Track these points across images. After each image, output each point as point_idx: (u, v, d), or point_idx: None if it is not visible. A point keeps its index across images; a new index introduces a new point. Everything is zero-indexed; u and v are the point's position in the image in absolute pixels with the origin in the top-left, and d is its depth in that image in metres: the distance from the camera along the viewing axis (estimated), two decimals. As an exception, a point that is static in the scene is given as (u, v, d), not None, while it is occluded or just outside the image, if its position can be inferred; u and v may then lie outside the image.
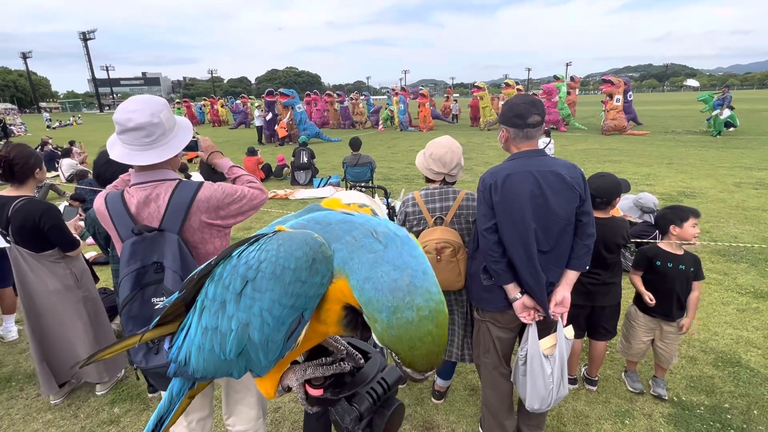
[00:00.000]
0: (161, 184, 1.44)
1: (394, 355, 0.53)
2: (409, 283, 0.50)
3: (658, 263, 2.37)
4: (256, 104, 21.22)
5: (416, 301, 0.50)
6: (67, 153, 10.53)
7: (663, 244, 2.41)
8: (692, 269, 2.34)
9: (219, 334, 0.60)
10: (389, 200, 5.06)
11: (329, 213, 0.62)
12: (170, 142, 1.46)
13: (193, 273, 0.67)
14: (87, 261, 2.66)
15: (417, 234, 2.14)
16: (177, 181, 1.47)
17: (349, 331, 0.59)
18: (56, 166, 10.73)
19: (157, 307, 1.35)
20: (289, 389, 0.69)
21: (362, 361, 0.72)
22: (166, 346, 0.71)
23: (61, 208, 2.69)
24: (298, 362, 0.71)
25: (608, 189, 2.33)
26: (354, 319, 0.57)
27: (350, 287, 0.53)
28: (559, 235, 1.73)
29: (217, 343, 0.60)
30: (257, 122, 17.99)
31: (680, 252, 2.38)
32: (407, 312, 0.49)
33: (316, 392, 0.67)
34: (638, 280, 2.46)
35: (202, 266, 0.66)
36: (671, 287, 2.35)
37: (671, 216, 2.39)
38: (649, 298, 2.38)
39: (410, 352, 0.51)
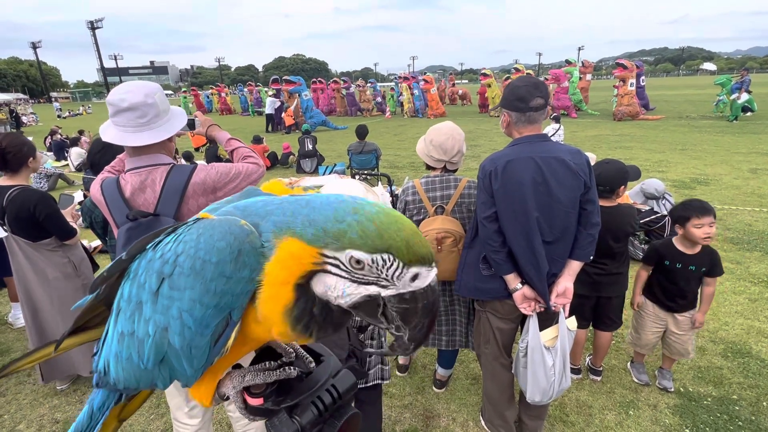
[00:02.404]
0: (156, 169, 1.43)
1: (392, 269, 0.47)
2: (351, 197, 0.50)
3: (667, 263, 2.30)
4: (269, 93, 20.94)
5: (366, 204, 0.49)
6: (75, 142, 10.61)
7: (677, 242, 2.30)
8: (704, 269, 2.25)
9: (136, 340, 0.53)
10: (393, 188, 5.01)
11: (266, 198, 0.56)
12: (164, 125, 1.44)
13: (102, 270, 0.60)
14: (86, 250, 2.66)
15: (417, 224, 2.09)
16: (171, 165, 1.45)
17: (300, 328, 0.50)
18: (65, 155, 10.85)
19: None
20: (227, 397, 0.62)
21: (312, 365, 0.64)
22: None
23: (56, 196, 2.68)
24: (240, 366, 0.64)
25: (612, 177, 2.23)
26: (306, 307, 0.50)
27: (298, 236, 0.48)
28: (564, 225, 1.67)
29: (135, 350, 0.54)
30: (268, 110, 17.90)
31: (694, 251, 2.25)
32: (368, 207, 0.48)
33: (255, 401, 0.60)
34: (643, 277, 2.40)
35: (113, 262, 0.60)
36: (674, 285, 2.31)
37: (677, 214, 2.25)
38: (637, 304, 2.45)
39: (400, 235, 0.47)
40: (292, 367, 0.61)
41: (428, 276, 0.49)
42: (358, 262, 0.47)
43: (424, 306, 0.50)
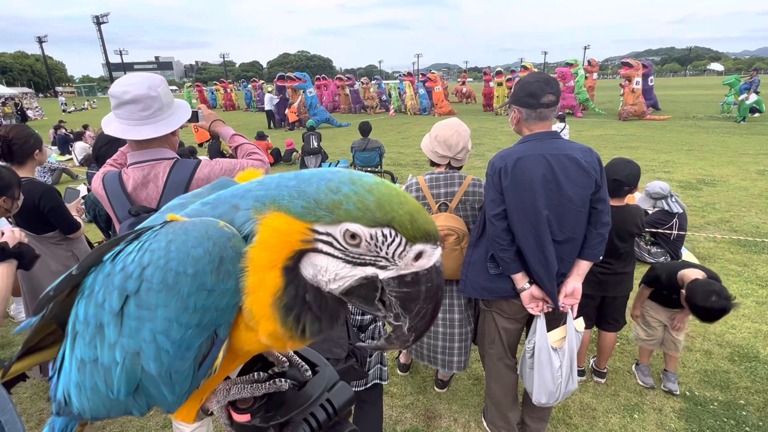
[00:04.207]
0: (159, 163, 1.41)
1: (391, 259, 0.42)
2: (347, 169, 0.45)
3: (665, 292, 2.34)
4: (269, 89, 20.94)
5: (364, 175, 0.44)
6: (79, 137, 10.63)
7: (680, 279, 2.27)
8: None
9: (101, 368, 0.45)
10: (396, 185, 5.01)
11: (240, 184, 0.49)
12: (167, 118, 1.42)
13: (48, 288, 0.52)
14: (90, 244, 2.65)
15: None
16: (174, 159, 1.42)
17: (291, 321, 0.44)
18: (70, 149, 10.87)
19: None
20: (210, 412, 0.56)
21: (308, 373, 0.58)
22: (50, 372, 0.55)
23: (62, 190, 2.67)
24: (228, 377, 0.58)
25: (636, 175, 2.28)
26: (297, 294, 0.43)
27: (285, 209, 0.41)
28: (574, 224, 1.64)
29: (101, 379, 0.45)
30: (267, 106, 17.88)
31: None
32: (366, 178, 0.43)
33: (241, 418, 0.54)
34: (645, 295, 2.44)
35: (61, 277, 0.51)
36: (668, 300, 2.37)
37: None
38: (635, 317, 2.51)
39: (403, 208, 0.41)
40: (283, 379, 0.55)
41: (433, 255, 0.43)
42: (354, 236, 0.41)
43: (428, 289, 0.44)
